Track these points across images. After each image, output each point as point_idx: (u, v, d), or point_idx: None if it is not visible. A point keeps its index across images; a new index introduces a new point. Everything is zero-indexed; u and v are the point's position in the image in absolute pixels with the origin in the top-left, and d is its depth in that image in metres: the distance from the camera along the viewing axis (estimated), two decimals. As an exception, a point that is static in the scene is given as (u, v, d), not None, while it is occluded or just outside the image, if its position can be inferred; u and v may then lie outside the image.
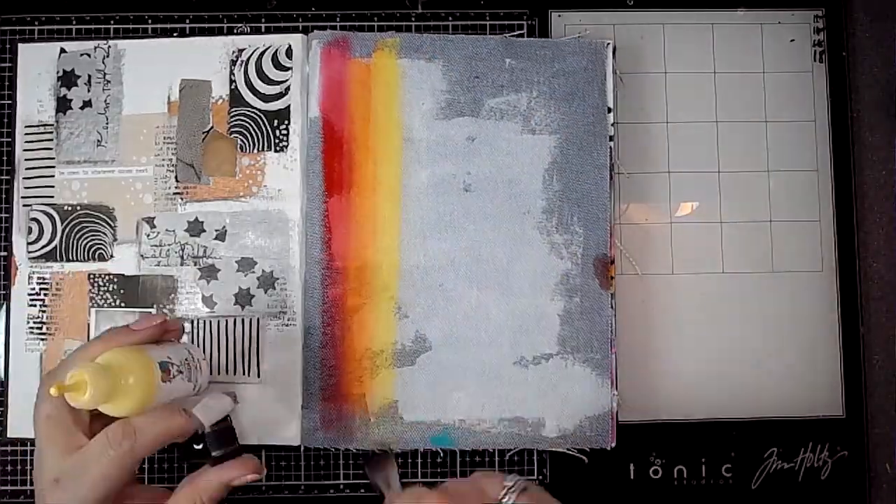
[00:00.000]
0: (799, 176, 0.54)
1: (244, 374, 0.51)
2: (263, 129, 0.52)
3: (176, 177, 0.52)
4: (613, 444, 0.51)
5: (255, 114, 0.52)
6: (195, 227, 0.52)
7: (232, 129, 0.52)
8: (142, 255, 0.51)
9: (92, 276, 0.51)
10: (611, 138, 0.52)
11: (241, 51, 0.52)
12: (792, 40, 0.55)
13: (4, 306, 0.52)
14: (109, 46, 0.52)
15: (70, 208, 0.52)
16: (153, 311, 0.51)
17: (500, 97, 0.52)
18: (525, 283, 0.51)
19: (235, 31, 0.53)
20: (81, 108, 0.52)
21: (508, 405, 0.51)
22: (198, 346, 0.51)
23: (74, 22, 0.53)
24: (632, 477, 0.52)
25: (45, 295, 0.51)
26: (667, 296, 0.53)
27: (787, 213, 0.54)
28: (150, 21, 0.53)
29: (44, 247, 0.52)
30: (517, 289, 0.51)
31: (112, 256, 0.51)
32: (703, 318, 0.53)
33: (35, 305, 0.51)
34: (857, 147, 0.55)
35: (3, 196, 0.53)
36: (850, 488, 0.53)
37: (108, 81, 0.52)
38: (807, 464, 0.52)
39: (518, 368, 0.51)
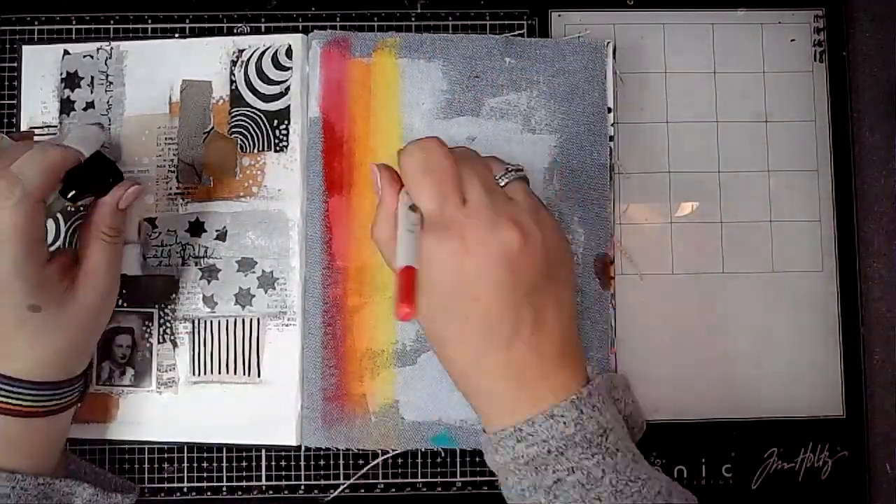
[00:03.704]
0: (799, 176, 0.53)
1: (244, 374, 0.49)
2: (263, 129, 0.50)
3: (177, 177, 0.50)
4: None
5: (256, 114, 0.50)
6: (196, 228, 0.50)
7: (232, 130, 0.50)
8: (143, 256, 0.50)
9: (93, 276, 0.50)
10: (611, 138, 0.51)
11: (241, 51, 0.50)
12: (792, 40, 0.53)
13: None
14: (112, 48, 0.51)
15: (74, 209, 0.50)
16: (155, 311, 0.50)
17: (500, 97, 0.50)
18: (525, 283, 0.49)
19: (235, 31, 0.52)
20: (84, 109, 0.51)
21: (508, 406, 0.49)
22: (199, 345, 0.49)
23: (74, 22, 0.52)
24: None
25: (47, 295, 0.50)
26: (667, 296, 0.52)
27: (787, 213, 0.52)
28: (149, 21, 0.52)
29: (54, 252, 0.50)
30: (517, 289, 0.49)
31: (114, 256, 0.50)
32: (702, 318, 0.52)
33: (37, 305, 0.50)
34: (857, 147, 0.53)
35: (6, 196, 0.51)
36: (850, 488, 0.51)
37: (111, 83, 0.51)
38: (807, 464, 0.51)
39: (518, 369, 0.49)
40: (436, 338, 0.41)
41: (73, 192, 0.44)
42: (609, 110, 0.51)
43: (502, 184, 0.41)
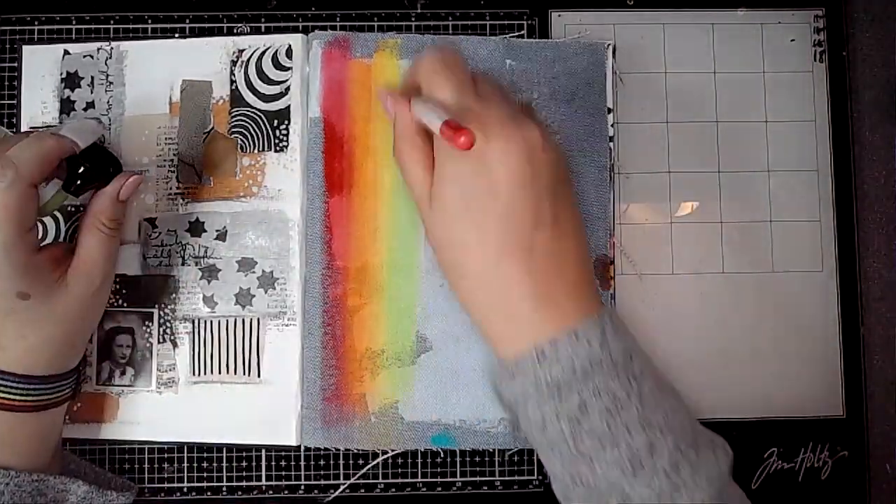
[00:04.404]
0: (799, 176, 0.52)
1: (244, 374, 0.49)
2: (264, 129, 0.50)
3: (177, 177, 0.50)
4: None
5: (256, 114, 0.50)
6: (196, 228, 0.49)
7: (232, 130, 0.50)
8: (143, 256, 0.49)
9: (94, 276, 0.49)
10: (611, 138, 0.50)
11: (241, 51, 0.50)
12: (792, 40, 0.53)
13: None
14: (112, 48, 0.50)
15: (73, 209, 0.50)
16: (155, 311, 0.49)
17: (501, 98, 0.50)
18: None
19: (235, 31, 0.51)
20: (84, 109, 0.50)
21: (508, 406, 0.49)
22: (199, 345, 0.49)
23: (74, 22, 0.51)
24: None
25: (47, 295, 0.49)
26: (667, 296, 0.51)
27: (787, 213, 0.52)
28: (149, 21, 0.51)
29: (47, 243, 0.49)
30: (517, 290, 0.49)
31: (114, 256, 0.49)
32: (703, 318, 0.51)
33: (37, 305, 0.49)
34: (857, 147, 0.53)
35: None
36: (850, 488, 0.51)
37: (111, 83, 0.50)
38: (807, 464, 0.51)
39: (518, 370, 0.49)
40: (452, 250, 0.40)
41: (77, 184, 0.44)
42: (609, 110, 0.50)
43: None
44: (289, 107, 0.50)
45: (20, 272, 0.40)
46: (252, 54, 0.50)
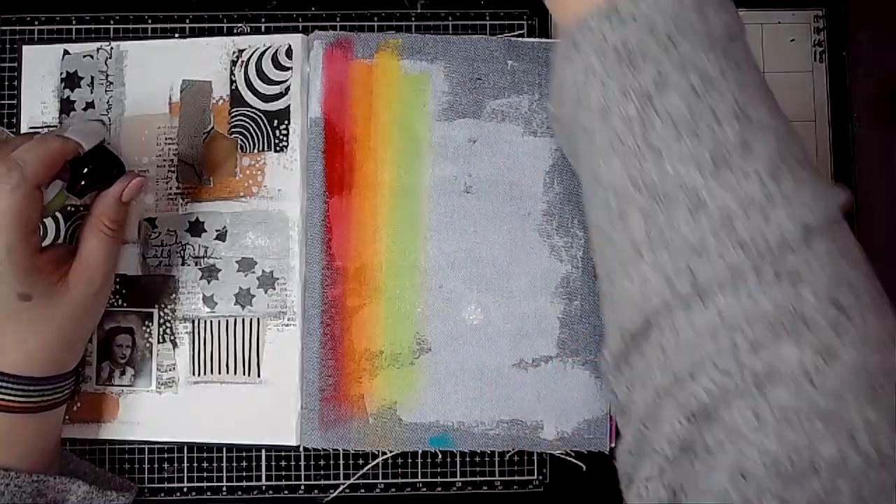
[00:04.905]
0: (799, 176, 0.52)
1: (244, 374, 0.49)
2: (263, 129, 0.49)
3: (177, 177, 0.50)
4: (613, 445, 0.48)
5: (256, 114, 0.50)
6: (196, 228, 0.49)
7: (232, 130, 0.50)
8: (143, 256, 0.49)
9: (94, 276, 0.49)
10: (611, 139, 0.50)
11: (241, 51, 0.50)
12: (792, 40, 0.53)
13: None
14: (112, 48, 0.50)
15: (73, 209, 0.49)
16: (155, 311, 0.49)
17: (502, 99, 0.49)
18: (525, 285, 0.49)
19: (235, 31, 0.51)
20: (84, 109, 0.50)
21: (507, 407, 0.48)
22: (199, 345, 0.49)
23: (74, 22, 0.51)
24: (631, 477, 0.50)
25: (48, 295, 0.49)
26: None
27: (788, 214, 0.51)
28: (149, 21, 0.51)
29: (49, 244, 0.49)
30: (517, 291, 0.49)
31: (114, 256, 0.49)
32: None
33: (37, 305, 0.49)
34: (857, 147, 0.52)
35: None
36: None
37: (111, 83, 0.50)
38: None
39: (517, 371, 0.48)
40: None
41: (81, 185, 0.43)
42: (609, 111, 0.50)
43: None
44: (289, 107, 0.49)
45: (22, 274, 0.40)
46: (252, 54, 0.50)
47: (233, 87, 0.50)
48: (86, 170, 0.44)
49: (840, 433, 0.28)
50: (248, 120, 0.50)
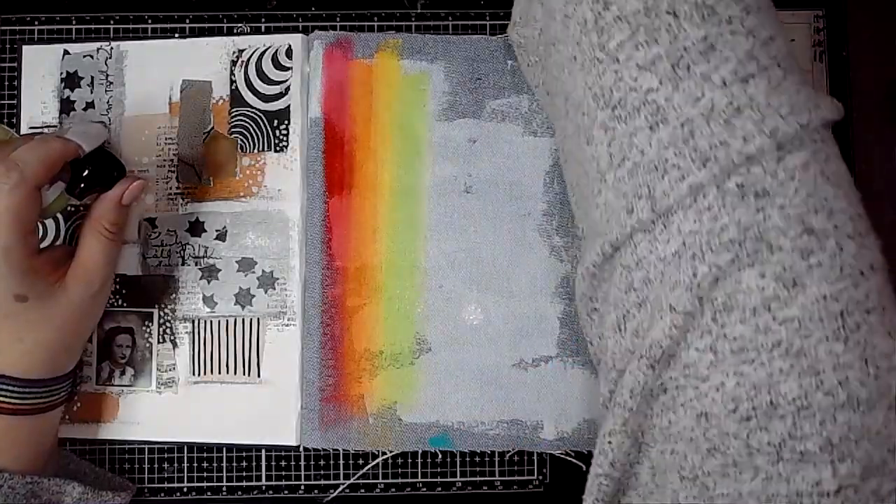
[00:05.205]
0: (799, 176, 0.52)
1: (244, 374, 0.48)
2: (263, 129, 0.49)
3: (177, 177, 0.49)
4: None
5: (256, 114, 0.49)
6: (196, 228, 0.49)
7: (232, 130, 0.49)
8: (143, 256, 0.49)
9: (93, 276, 0.49)
10: (611, 139, 0.50)
11: (241, 51, 0.50)
12: (792, 40, 0.52)
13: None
14: (112, 48, 0.50)
15: (73, 209, 0.49)
16: (155, 311, 0.49)
17: (502, 99, 0.49)
18: (525, 285, 0.49)
19: (235, 31, 0.51)
20: (84, 109, 0.50)
21: (507, 407, 0.48)
22: (199, 345, 0.49)
23: (74, 22, 0.51)
24: (631, 477, 0.50)
25: (47, 295, 0.49)
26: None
27: (787, 214, 0.51)
28: (149, 21, 0.51)
29: (47, 246, 0.49)
30: (517, 291, 0.49)
31: (114, 256, 0.49)
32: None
33: (37, 305, 0.49)
34: (857, 147, 0.52)
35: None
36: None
37: (111, 83, 0.50)
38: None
39: (517, 371, 0.48)
40: None
41: (81, 188, 0.43)
42: (609, 110, 0.50)
43: None
44: (289, 107, 0.49)
45: (19, 274, 0.40)
46: (252, 54, 0.50)
47: (233, 87, 0.50)
48: (86, 172, 0.43)
49: (804, 370, 0.26)
50: (248, 120, 0.49)
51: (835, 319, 0.27)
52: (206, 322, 0.49)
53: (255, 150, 0.49)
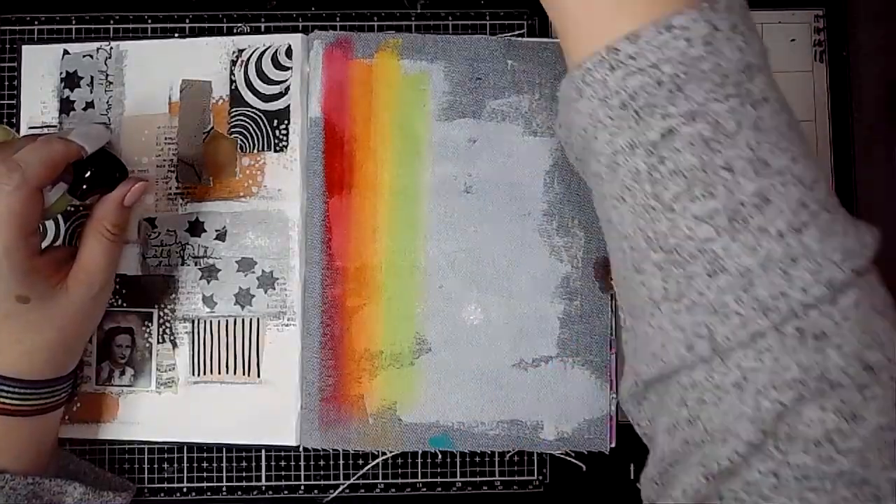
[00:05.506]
0: (799, 176, 0.52)
1: (244, 374, 0.48)
2: (263, 129, 0.49)
3: (177, 177, 0.49)
4: (613, 445, 0.48)
5: (255, 114, 0.49)
6: (196, 228, 0.49)
7: (232, 129, 0.49)
8: (143, 256, 0.49)
9: (93, 276, 0.49)
10: (611, 139, 0.50)
11: (241, 51, 0.50)
12: (792, 40, 0.52)
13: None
14: (112, 48, 0.50)
15: (73, 209, 0.49)
16: (154, 311, 0.49)
17: (502, 99, 0.49)
18: (525, 285, 0.48)
19: (235, 31, 0.51)
20: (84, 109, 0.50)
21: (507, 407, 0.48)
22: (199, 345, 0.49)
23: (74, 22, 0.50)
24: (632, 476, 0.50)
25: (47, 295, 0.49)
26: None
27: (788, 214, 0.51)
28: (149, 21, 0.51)
29: (49, 247, 0.49)
30: (517, 291, 0.48)
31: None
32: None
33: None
34: (857, 147, 0.52)
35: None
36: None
37: (111, 83, 0.50)
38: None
39: (517, 371, 0.48)
40: None
41: (83, 189, 0.43)
42: (609, 110, 0.50)
43: None
44: (288, 107, 0.49)
45: (20, 275, 0.39)
46: (252, 54, 0.49)
47: (232, 87, 0.50)
48: (88, 173, 0.43)
49: (867, 498, 0.27)
50: (247, 120, 0.49)
51: (892, 448, 0.28)
52: (205, 322, 0.49)
53: (255, 150, 0.49)
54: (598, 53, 0.29)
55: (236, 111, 0.49)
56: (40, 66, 0.50)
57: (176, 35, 0.51)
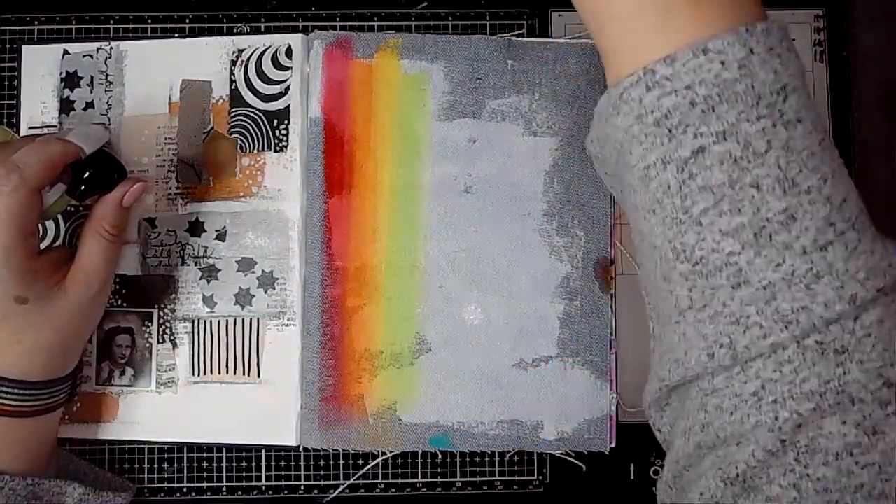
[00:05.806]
0: (799, 176, 0.52)
1: (244, 374, 0.48)
2: (263, 129, 0.49)
3: (177, 177, 0.49)
4: (613, 445, 0.48)
5: (255, 114, 0.49)
6: (195, 228, 0.49)
7: (232, 129, 0.49)
8: (143, 256, 0.49)
9: (93, 276, 0.49)
10: (611, 138, 0.50)
11: (241, 51, 0.49)
12: (792, 40, 0.52)
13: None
14: (112, 48, 0.50)
15: (73, 209, 0.49)
16: (154, 311, 0.49)
17: (502, 99, 0.49)
18: (525, 285, 0.48)
19: (235, 31, 0.51)
20: (84, 109, 0.50)
21: (507, 407, 0.48)
22: (199, 345, 0.49)
23: (74, 22, 0.50)
24: (632, 477, 0.49)
25: (47, 295, 0.49)
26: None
27: (788, 214, 0.51)
28: (149, 21, 0.51)
29: (48, 247, 0.49)
30: (517, 291, 0.48)
31: (113, 256, 0.49)
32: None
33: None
34: (857, 147, 0.52)
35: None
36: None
37: (111, 83, 0.50)
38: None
39: (517, 371, 0.48)
40: None
41: (82, 189, 0.43)
42: (609, 111, 0.50)
43: None
44: (288, 107, 0.49)
45: (19, 276, 0.39)
46: (252, 54, 0.49)
47: (232, 87, 0.49)
48: (87, 174, 0.43)
49: None
50: (247, 120, 0.49)
51: None
52: (205, 322, 0.49)
53: (255, 150, 0.49)
54: (636, 74, 0.30)
55: (236, 111, 0.49)
56: (40, 66, 0.50)
57: (176, 35, 0.50)
